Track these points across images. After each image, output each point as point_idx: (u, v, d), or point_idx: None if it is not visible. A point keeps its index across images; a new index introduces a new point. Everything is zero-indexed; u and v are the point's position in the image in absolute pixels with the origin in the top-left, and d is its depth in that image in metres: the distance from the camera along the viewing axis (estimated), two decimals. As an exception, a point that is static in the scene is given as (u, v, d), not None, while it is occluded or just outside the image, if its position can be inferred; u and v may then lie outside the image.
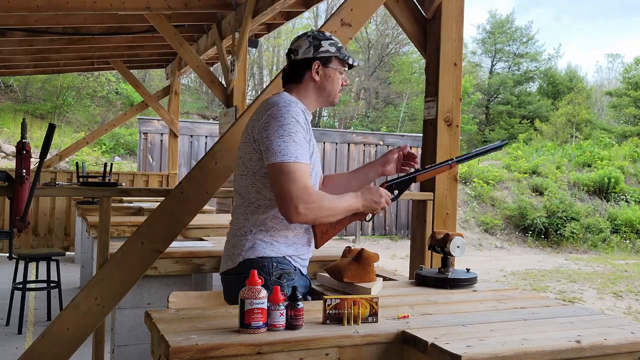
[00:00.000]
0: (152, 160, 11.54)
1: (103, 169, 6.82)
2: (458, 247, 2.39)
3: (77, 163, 7.32)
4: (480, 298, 2.19)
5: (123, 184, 8.59)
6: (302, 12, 5.95)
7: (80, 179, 6.88)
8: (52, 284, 5.21)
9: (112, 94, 21.00)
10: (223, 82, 6.22)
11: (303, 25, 27.14)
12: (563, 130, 27.64)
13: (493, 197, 15.43)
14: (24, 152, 2.67)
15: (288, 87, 2.13)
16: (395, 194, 2.18)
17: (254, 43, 6.43)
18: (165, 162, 11.28)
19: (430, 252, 2.69)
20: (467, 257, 10.08)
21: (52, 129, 2.71)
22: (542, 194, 15.52)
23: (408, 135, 14.42)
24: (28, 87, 19.59)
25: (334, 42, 2.13)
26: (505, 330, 1.70)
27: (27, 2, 4.94)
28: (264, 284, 1.69)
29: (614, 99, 30.49)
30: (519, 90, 31.57)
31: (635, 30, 69.82)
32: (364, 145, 13.32)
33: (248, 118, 2.13)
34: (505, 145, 2.32)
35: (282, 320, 1.61)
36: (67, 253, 8.53)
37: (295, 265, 2.04)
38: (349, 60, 2.14)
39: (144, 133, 11.56)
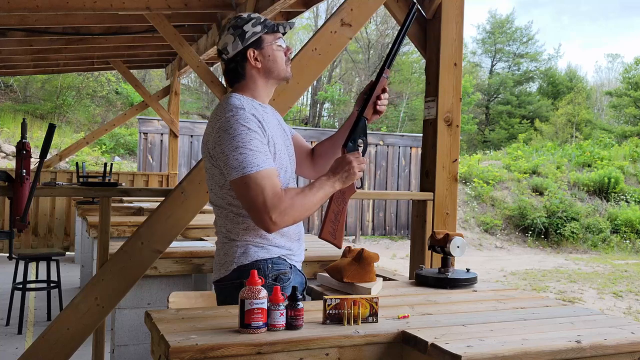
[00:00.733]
0: (152, 160, 11.54)
1: (103, 169, 6.82)
2: (458, 247, 2.40)
3: (77, 163, 7.32)
4: (480, 298, 2.19)
5: (123, 184, 8.60)
6: (302, 12, 5.95)
7: (80, 179, 6.88)
8: (52, 284, 5.21)
9: (112, 94, 21.00)
10: (223, 82, 6.22)
11: (303, 25, 27.15)
12: (563, 130, 27.64)
13: (493, 197, 15.43)
14: (24, 152, 2.67)
15: (235, 87, 2.05)
16: (361, 146, 2.07)
17: (254, 43, 6.41)
18: (165, 162, 11.28)
19: (430, 252, 2.69)
20: (467, 257, 10.09)
21: (52, 129, 2.71)
22: (542, 194, 15.52)
23: (408, 135, 14.42)
24: (28, 87, 19.59)
25: (255, 19, 2.01)
26: (505, 330, 1.70)
27: (27, 2, 4.94)
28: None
29: (614, 99, 30.49)
30: (519, 90, 31.57)
31: (635, 30, 69.86)
32: (364, 145, 13.30)
33: None
34: (415, 8, 2.09)
35: (282, 320, 1.61)
36: (67, 253, 8.53)
37: (291, 263, 2.01)
38: (280, 29, 2.03)
39: (144, 133, 11.56)
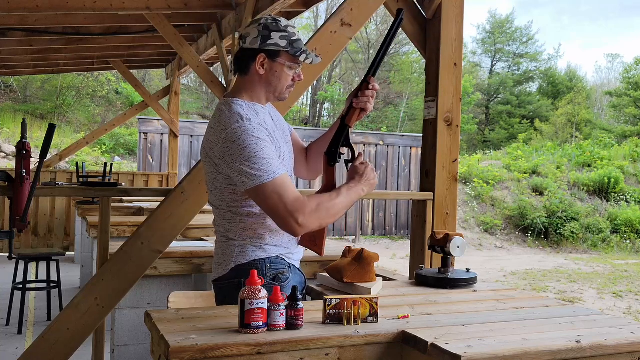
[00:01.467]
0: (152, 160, 11.54)
1: (103, 169, 6.82)
2: (458, 247, 2.40)
3: (77, 163, 7.33)
4: (480, 298, 2.19)
5: (123, 184, 8.60)
6: (302, 12, 5.95)
7: (80, 179, 6.88)
8: (52, 284, 5.21)
9: (112, 94, 21.00)
10: (223, 82, 6.23)
11: (303, 25, 27.14)
12: (563, 130, 27.64)
13: (493, 197, 15.43)
14: (24, 152, 2.67)
15: (237, 77, 2.01)
16: (343, 154, 2.04)
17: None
18: (165, 162, 11.28)
19: (430, 252, 2.69)
20: (467, 257, 10.10)
21: (52, 129, 2.71)
22: (542, 194, 15.52)
23: (408, 135, 14.42)
24: (28, 87, 19.59)
25: (288, 34, 1.93)
26: (505, 330, 1.70)
27: (27, 2, 4.94)
28: None
29: (614, 99, 30.49)
30: (519, 90, 31.57)
31: (635, 30, 69.86)
32: (364, 145, 13.32)
33: None
34: (402, 14, 2.02)
35: (282, 320, 1.61)
36: (67, 253, 8.53)
37: (290, 263, 2.01)
38: (301, 57, 1.94)
39: (144, 133, 11.56)
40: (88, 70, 12.11)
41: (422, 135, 3.35)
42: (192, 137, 11.90)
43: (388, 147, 13.64)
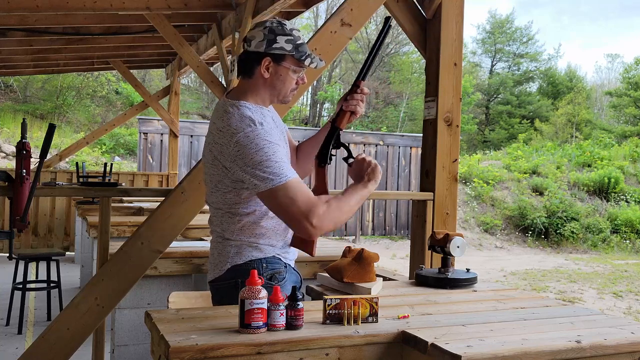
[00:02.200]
0: (152, 160, 11.54)
1: (103, 169, 6.82)
2: (458, 247, 2.40)
3: (77, 163, 7.32)
4: (480, 298, 2.19)
5: (123, 184, 8.60)
6: (302, 12, 5.95)
7: (80, 179, 6.88)
8: (52, 284, 5.21)
9: (112, 94, 21.00)
10: (223, 82, 6.22)
11: (303, 25, 27.13)
12: (563, 130, 27.64)
13: (493, 197, 15.43)
14: (24, 152, 2.67)
15: (241, 79, 2.01)
16: (335, 155, 2.05)
17: (254, 43, 6.41)
18: (165, 162, 11.28)
19: (430, 252, 2.69)
20: (467, 257, 10.09)
21: (52, 129, 2.71)
22: (542, 194, 15.52)
23: (408, 135, 14.42)
24: (28, 87, 19.59)
25: (293, 38, 1.93)
26: (505, 330, 1.70)
27: (27, 2, 4.94)
28: None
29: (614, 99, 30.50)
30: (519, 90, 31.57)
31: (635, 30, 69.86)
32: (364, 145, 13.32)
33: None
34: (389, 23, 2.06)
35: (282, 320, 1.61)
36: (67, 253, 8.53)
37: (285, 262, 2.01)
38: (306, 62, 1.96)
39: (144, 133, 11.56)
40: (88, 70, 12.11)
41: (422, 135, 3.35)
42: (192, 137, 11.90)
43: (388, 147, 13.64)
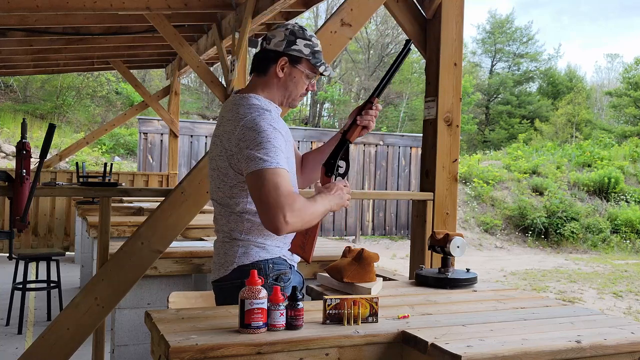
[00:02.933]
0: (152, 160, 11.54)
1: (103, 169, 6.82)
2: (458, 247, 2.40)
3: (77, 163, 7.32)
4: (480, 298, 2.19)
5: (123, 184, 8.60)
6: (302, 12, 5.95)
7: (80, 179, 6.88)
8: (52, 284, 5.21)
9: (112, 94, 21.00)
10: (223, 82, 6.22)
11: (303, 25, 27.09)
12: (563, 130, 27.64)
13: (493, 197, 15.43)
14: (24, 152, 2.67)
15: (254, 76, 2.03)
16: (342, 167, 2.06)
17: (254, 43, 6.42)
18: (165, 162, 11.28)
19: (430, 252, 2.69)
20: (467, 257, 10.09)
21: (52, 129, 2.71)
22: (542, 194, 15.52)
23: (408, 135, 14.42)
24: (28, 87, 19.59)
25: (312, 44, 1.99)
26: (505, 330, 1.70)
27: (27, 2, 4.94)
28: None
29: (614, 99, 30.50)
30: (519, 90, 31.57)
31: (635, 30, 69.86)
32: (364, 145, 13.32)
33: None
34: (410, 45, 2.16)
35: (282, 320, 1.61)
36: (67, 253, 8.53)
37: (290, 264, 2.02)
38: (320, 68, 2.01)
39: (144, 133, 11.56)
40: (88, 70, 12.11)
41: (422, 135, 3.35)
42: (192, 137, 11.90)
43: (388, 147, 13.64)
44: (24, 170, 2.65)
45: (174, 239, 2.68)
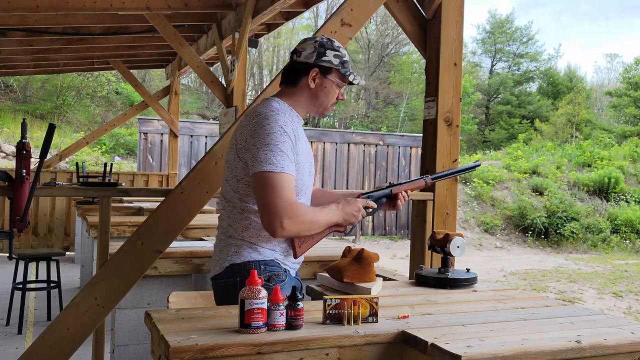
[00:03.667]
0: (152, 160, 11.54)
1: (103, 169, 6.82)
2: (458, 247, 2.39)
3: (77, 163, 7.32)
4: (480, 298, 2.19)
5: (123, 184, 8.59)
6: (302, 12, 5.95)
7: (80, 179, 6.88)
8: (52, 284, 5.21)
9: (112, 94, 21.00)
10: (223, 82, 6.22)
11: (303, 26, 27.14)
12: (563, 130, 27.64)
13: (493, 197, 15.43)
14: (24, 152, 2.67)
15: (283, 87, 2.10)
16: (373, 208, 2.15)
17: (254, 43, 6.42)
18: (165, 162, 11.28)
19: (430, 252, 2.69)
20: (467, 257, 10.09)
21: (52, 129, 2.71)
22: (542, 194, 15.52)
23: (408, 135, 14.42)
24: (28, 87, 19.59)
25: (340, 54, 2.07)
26: (505, 330, 1.70)
27: (27, 2, 4.94)
28: None
29: (614, 99, 30.50)
30: (519, 90, 31.57)
31: (635, 30, 69.87)
32: (364, 145, 13.32)
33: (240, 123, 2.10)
34: (478, 167, 2.43)
35: (282, 320, 1.61)
36: (67, 253, 8.53)
37: (285, 267, 2.02)
38: (350, 77, 2.08)
39: (144, 133, 11.56)
40: (88, 70, 12.11)
41: (422, 135, 3.35)
42: (192, 137, 11.90)
43: (388, 147, 13.64)
44: (24, 170, 2.65)
45: (174, 239, 2.68)
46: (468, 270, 2.47)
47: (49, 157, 10.12)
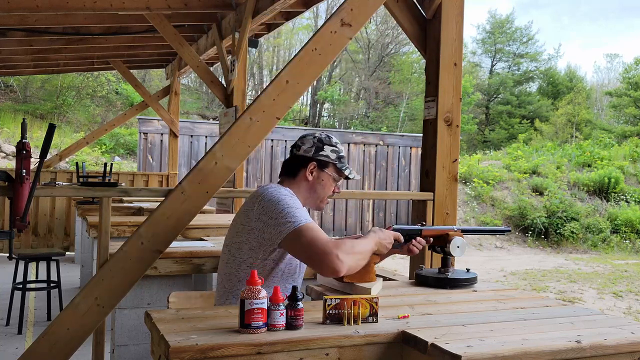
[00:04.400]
0: (152, 160, 11.54)
1: (103, 169, 6.82)
2: (458, 247, 2.39)
3: (77, 163, 7.32)
4: (480, 298, 2.19)
5: (123, 184, 8.59)
6: (302, 12, 5.95)
7: (80, 179, 6.87)
8: (52, 284, 5.21)
9: (112, 94, 21.00)
10: (223, 82, 6.22)
11: (303, 26, 27.14)
12: (563, 130, 27.64)
13: (493, 197, 15.43)
14: (24, 152, 2.67)
15: (283, 178, 2.21)
16: (401, 241, 2.25)
17: (254, 43, 6.42)
18: (165, 162, 11.28)
19: (430, 252, 2.69)
20: (467, 257, 10.09)
21: (52, 129, 2.71)
22: (542, 194, 15.52)
23: (408, 135, 14.42)
24: (28, 87, 19.58)
25: (337, 150, 2.21)
26: (505, 330, 1.70)
27: (27, 2, 4.94)
28: None
29: (614, 99, 30.50)
30: (519, 90, 31.58)
31: (635, 30, 69.88)
32: (364, 145, 13.32)
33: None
34: (509, 232, 2.65)
35: (282, 320, 1.61)
36: (67, 253, 8.53)
37: None
38: (346, 172, 2.21)
39: (144, 133, 11.56)
40: (88, 70, 12.11)
41: (422, 135, 3.35)
42: (192, 137, 11.90)
43: (388, 147, 13.64)
44: (24, 170, 2.65)
45: (174, 239, 2.68)
46: (468, 270, 2.47)
47: (49, 157, 10.12)
